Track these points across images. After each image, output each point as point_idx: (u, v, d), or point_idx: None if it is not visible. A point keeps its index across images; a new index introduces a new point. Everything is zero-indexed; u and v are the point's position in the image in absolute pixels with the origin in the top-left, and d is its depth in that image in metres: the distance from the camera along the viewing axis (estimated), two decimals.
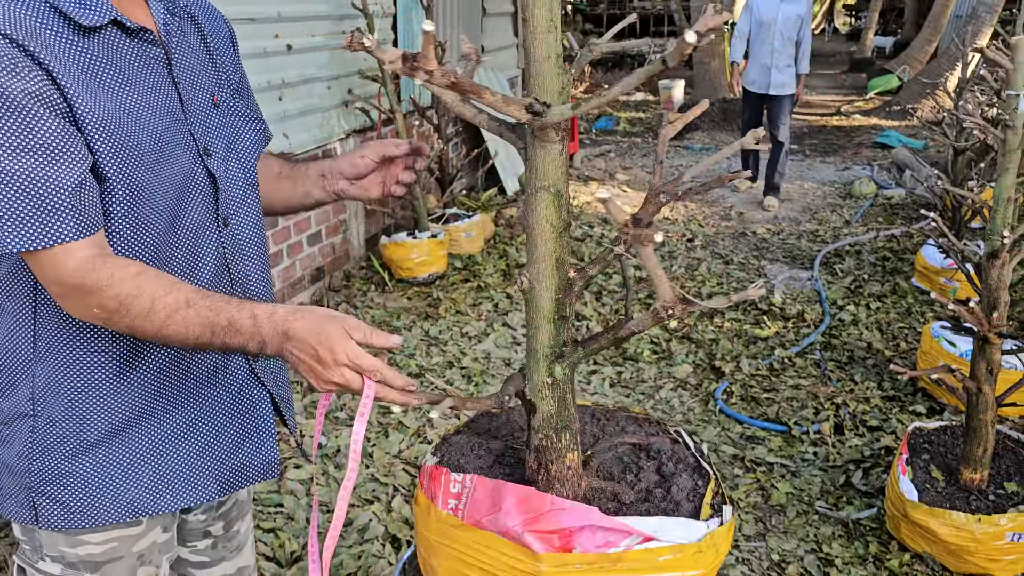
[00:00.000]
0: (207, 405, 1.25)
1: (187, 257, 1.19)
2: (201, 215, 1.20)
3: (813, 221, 6.08)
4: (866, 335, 4.01)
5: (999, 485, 2.49)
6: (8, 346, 1.15)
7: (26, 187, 1.00)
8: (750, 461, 2.98)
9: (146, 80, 1.13)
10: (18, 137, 1.00)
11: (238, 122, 1.30)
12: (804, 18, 6.11)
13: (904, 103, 11.87)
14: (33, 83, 1.00)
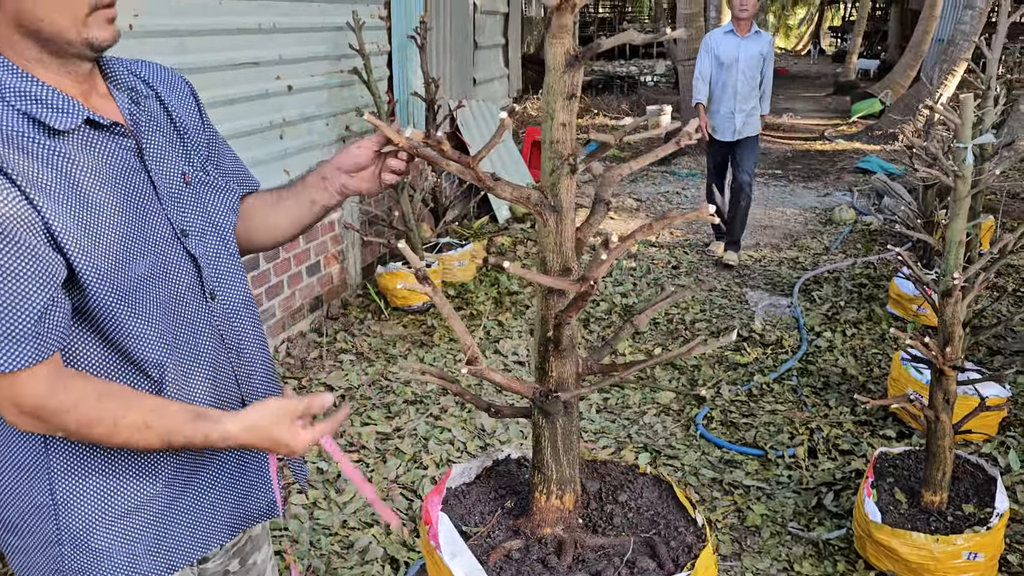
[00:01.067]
0: (214, 468, 1.33)
1: (187, 339, 1.24)
2: (189, 296, 1.25)
3: (794, 248, 6.30)
4: (841, 361, 4.20)
5: (958, 507, 2.67)
6: (19, 442, 1.19)
7: (16, 316, 1.04)
8: (728, 484, 3.16)
9: (118, 174, 1.17)
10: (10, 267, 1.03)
11: (211, 196, 1.34)
12: (767, 56, 5.66)
13: (886, 128, 12.17)
14: (7, 205, 1.02)
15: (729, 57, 5.59)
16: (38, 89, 1.09)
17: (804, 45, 42.71)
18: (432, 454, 3.24)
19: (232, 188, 1.40)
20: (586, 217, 1.39)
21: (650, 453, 3.34)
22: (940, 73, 11.30)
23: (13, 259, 1.03)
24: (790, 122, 14.11)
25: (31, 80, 1.09)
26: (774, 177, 9.34)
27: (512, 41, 8.06)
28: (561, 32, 1.24)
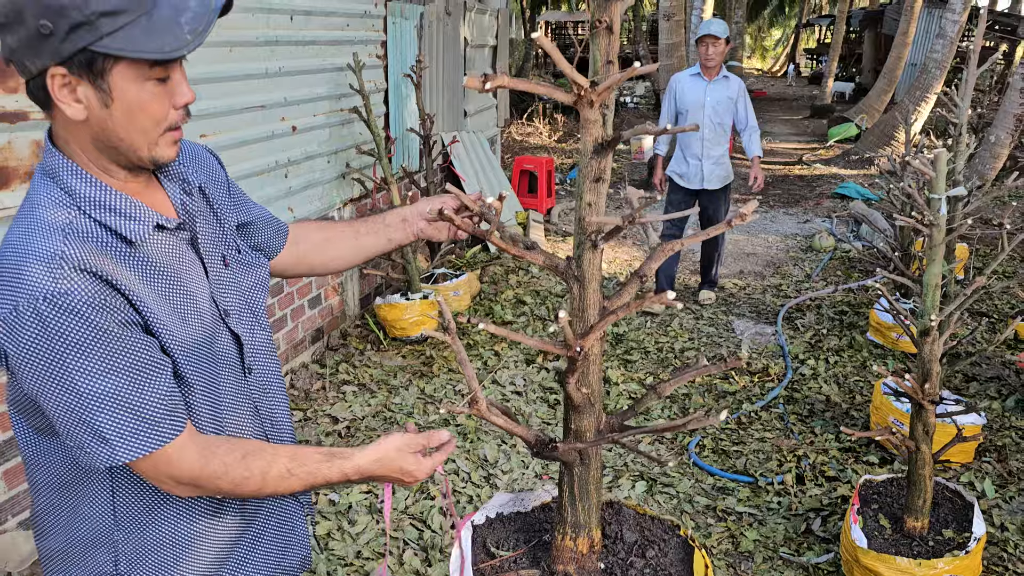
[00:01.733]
0: (263, 532, 1.44)
1: (229, 410, 1.33)
2: (230, 371, 1.34)
3: (777, 275, 6.50)
4: (825, 388, 4.39)
5: (938, 532, 2.84)
6: (88, 518, 1.27)
7: (127, 404, 1.14)
8: (721, 511, 3.32)
9: (181, 265, 1.27)
10: (115, 362, 1.13)
11: (245, 275, 1.43)
12: (738, 99, 5.34)
13: (862, 152, 12.50)
14: (118, 312, 1.13)
15: (695, 102, 5.31)
16: (111, 198, 1.20)
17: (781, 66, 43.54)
18: (438, 484, 3.37)
19: (262, 263, 1.50)
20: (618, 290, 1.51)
21: (646, 481, 3.49)
22: (913, 100, 11.65)
23: (133, 354, 1.15)
24: (769, 146, 14.42)
25: (104, 188, 1.20)
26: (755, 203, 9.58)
27: (500, 72, 8.25)
28: (589, 125, 1.40)
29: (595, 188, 1.44)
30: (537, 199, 7.93)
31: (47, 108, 1.18)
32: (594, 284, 1.49)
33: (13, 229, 1.17)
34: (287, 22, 4.16)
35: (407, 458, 1.35)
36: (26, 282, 1.09)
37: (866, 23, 24.86)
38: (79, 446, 1.16)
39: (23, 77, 1.16)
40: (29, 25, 1.09)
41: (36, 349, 1.10)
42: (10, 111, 2.60)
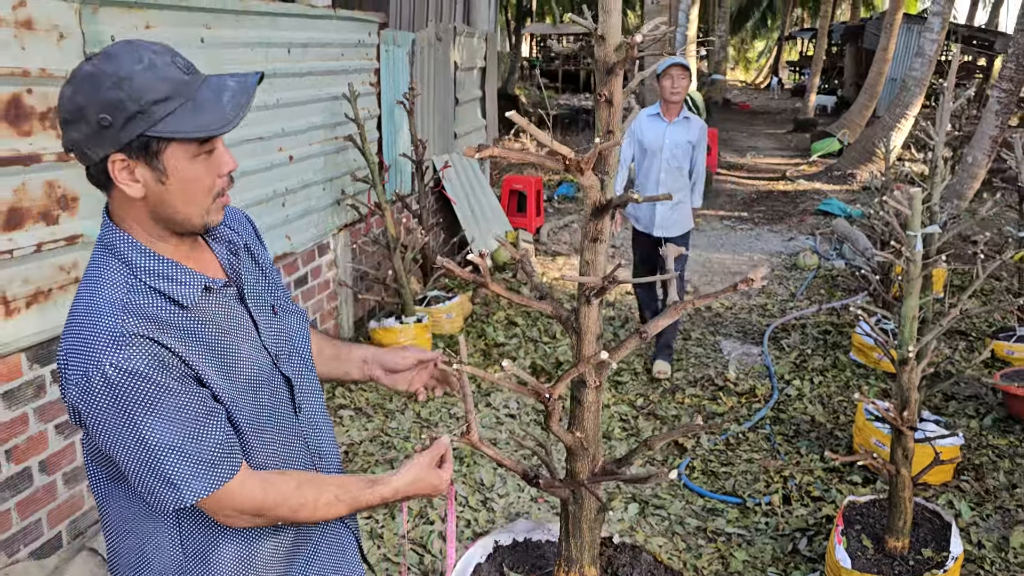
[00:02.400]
0: (316, 552, 1.54)
1: (282, 447, 1.45)
2: (283, 411, 1.46)
3: (762, 295, 6.65)
4: (810, 409, 4.52)
5: (918, 551, 2.96)
6: (159, 552, 1.39)
7: (189, 451, 1.26)
8: (711, 532, 3.43)
9: (229, 320, 1.39)
10: (177, 415, 1.25)
11: (292, 321, 1.55)
12: (696, 144, 4.97)
13: (844, 168, 12.71)
14: (174, 369, 1.25)
15: (653, 143, 4.94)
16: (163, 266, 1.32)
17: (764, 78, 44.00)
18: (437, 509, 3.47)
19: (303, 311, 1.64)
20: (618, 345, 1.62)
21: (639, 504, 3.60)
22: (893, 117, 11.88)
23: (191, 407, 1.27)
24: (753, 161, 14.64)
25: (157, 258, 1.32)
26: (740, 220, 9.75)
27: (489, 93, 8.39)
28: (587, 189, 1.51)
29: (593, 247, 1.55)
30: (526, 218, 8.05)
31: (106, 189, 1.31)
32: (590, 336, 1.60)
33: (79, 302, 1.30)
34: (285, 55, 4.27)
35: (431, 474, 1.52)
36: (94, 351, 1.22)
37: (847, 37, 25.25)
38: (150, 491, 1.28)
39: (84, 164, 1.28)
40: (91, 120, 1.22)
41: (107, 409, 1.23)
42: (24, 154, 2.69)
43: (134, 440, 1.24)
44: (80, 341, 1.24)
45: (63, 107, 1.24)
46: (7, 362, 2.70)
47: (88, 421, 1.25)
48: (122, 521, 1.40)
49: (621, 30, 1.48)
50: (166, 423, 1.25)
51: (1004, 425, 4.33)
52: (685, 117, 4.96)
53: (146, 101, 1.22)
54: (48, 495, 2.90)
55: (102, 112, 1.21)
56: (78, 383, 1.23)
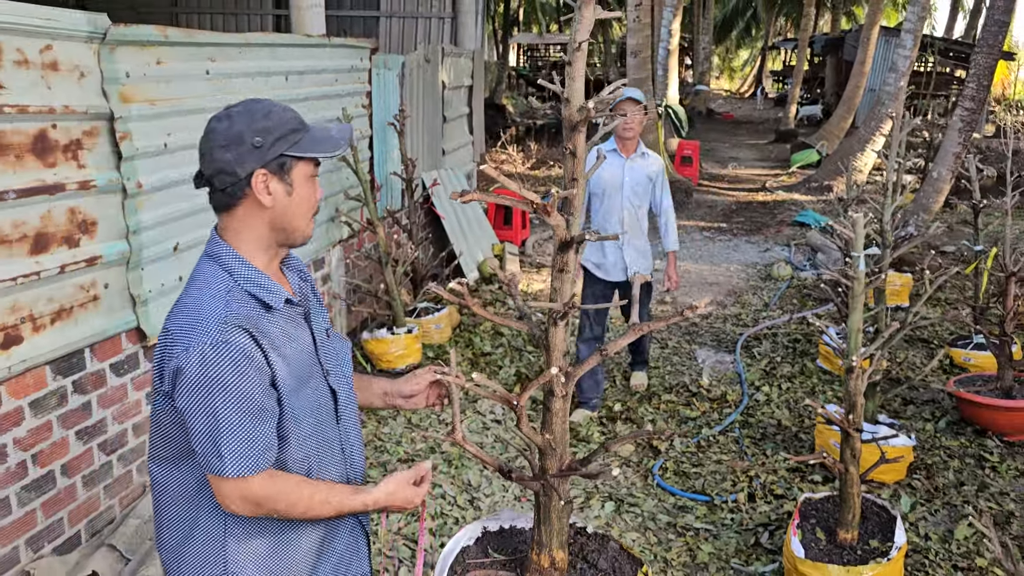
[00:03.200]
0: (334, 543, 1.78)
1: (324, 451, 1.72)
2: (328, 419, 1.73)
3: (737, 304, 6.96)
4: (777, 413, 4.82)
5: (866, 542, 3.25)
6: (204, 530, 1.65)
7: (245, 436, 1.53)
8: (681, 527, 3.71)
9: (298, 333, 1.68)
10: (246, 404, 1.52)
11: (340, 344, 1.85)
12: (657, 181, 4.68)
13: (822, 179, 13.08)
14: (258, 361, 1.54)
15: (612, 181, 4.61)
16: (259, 276, 1.63)
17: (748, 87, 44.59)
18: (427, 508, 3.74)
19: (348, 341, 1.93)
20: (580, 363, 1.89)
21: (614, 502, 3.88)
22: (868, 131, 12.26)
23: (259, 401, 1.55)
24: (734, 172, 15.00)
25: (254, 269, 1.63)
26: (719, 231, 10.08)
27: (476, 110, 8.69)
28: (555, 229, 1.80)
29: (560, 277, 1.83)
30: (512, 231, 8.34)
31: (230, 208, 1.62)
32: (557, 352, 1.88)
33: (188, 294, 1.60)
34: (283, 82, 4.55)
35: (408, 489, 1.75)
36: (201, 330, 1.52)
37: (828, 48, 25.73)
38: (203, 455, 1.55)
39: (222, 185, 1.60)
40: (246, 142, 1.57)
41: (197, 379, 1.50)
42: (50, 183, 2.95)
43: (208, 409, 1.51)
44: (190, 321, 1.53)
45: (220, 135, 1.57)
46: (34, 374, 2.95)
47: (178, 386, 1.53)
48: (175, 501, 1.67)
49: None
50: (236, 405, 1.52)
51: (957, 428, 4.64)
52: (642, 153, 4.71)
53: (285, 129, 1.60)
54: (69, 496, 3.16)
55: (256, 136, 1.57)
56: (180, 355, 1.51)
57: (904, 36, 11.68)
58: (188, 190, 3.72)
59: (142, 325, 3.43)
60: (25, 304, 2.88)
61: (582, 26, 1.73)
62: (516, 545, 2.13)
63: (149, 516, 3.35)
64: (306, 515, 1.65)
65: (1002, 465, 4.21)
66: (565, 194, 1.74)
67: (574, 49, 1.73)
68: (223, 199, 1.62)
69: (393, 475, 1.77)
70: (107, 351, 3.30)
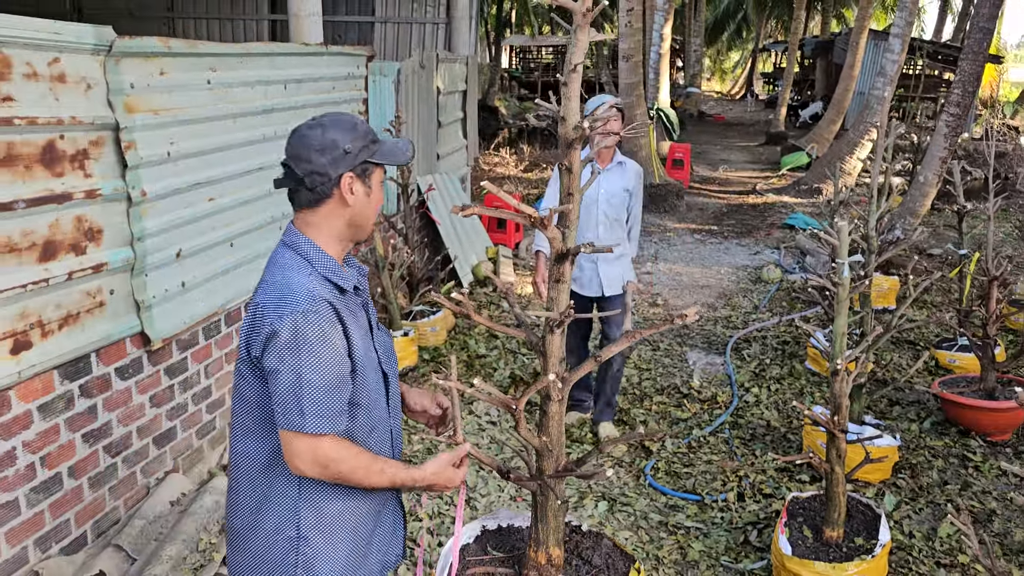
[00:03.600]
0: (383, 517, 1.97)
1: (377, 428, 1.91)
2: (379, 399, 1.92)
3: (727, 307, 7.07)
4: (766, 414, 4.92)
5: (851, 540, 3.36)
6: (279, 495, 1.83)
7: (324, 398, 1.72)
8: (672, 525, 3.81)
9: (359, 318, 1.89)
10: (329, 369, 1.73)
11: (386, 336, 2.06)
12: (634, 191, 4.46)
13: (811, 182, 13.22)
14: (339, 334, 1.76)
15: (587, 193, 4.30)
16: (333, 264, 1.84)
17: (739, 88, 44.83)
18: (424, 508, 3.83)
19: (391, 333, 2.08)
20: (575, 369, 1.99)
21: (607, 501, 3.98)
22: (857, 134, 12.41)
23: (339, 368, 1.75)
24: (725, 175, 15.13)
25: (329, 257, 1.83)
26: (710, 233, 10.20)
27: (470, 115, 8.78)
28: (552, 242, 1.89)
29: (556, 287, 1.93)
30: (506, 234, 8.43)
31: (314, 206, 1.83)
32: (553, 358, 1.97)
33: (274, 274, 1.79)
34: (281, 91, 4.62)
35: (450, 470, 1.92)
36: (293, 302, 1.72)
37: (818, 51, 25.93)
38: (284, 412, 1.71)
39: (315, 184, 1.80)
40: (339, 148, 1.79)
41: (288, 342, 1.70)
42: (58, 193, 3.02)
43: (295, 370, 1.70)
44: (282, 294, 1.74)
45: (316, 141, 1.79)
46: (42, 379, 3.03)
47: (269, 348, 1.72)
48: (253, 469, 1.85)
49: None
50: (320, 369, 1.72)
51: (941, 428, 4.75)
52: (619, 162, 4.45)
53: (370, 139, 1.84)
54: (76, 497, 3.23)
55: (348, 143, 1.80)
56: (275, 321, 1.71)
57: (892, 41, 11.82)
58: (190, 198, 3.81)
59: (146, 330, 3.50)
60: (34, 310, 2.96)
61: (577, 48, 1.82)
62: (514, 543, 2.22)
63: (154, 517, 3.43)
64: (363, 482, 1.80)
65: (985, 465, 4.33)
66: (561, 209, 1.83)
67: (570, 71, 1.82)
68: (311, 197, 1.82)
69: (437, 456, 1.93)
70: (112, 355, 3.37)
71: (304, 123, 1.84)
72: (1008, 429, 4.61)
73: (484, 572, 2.06)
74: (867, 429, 4.15)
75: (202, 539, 3.32)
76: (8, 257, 2.84)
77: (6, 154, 2.80)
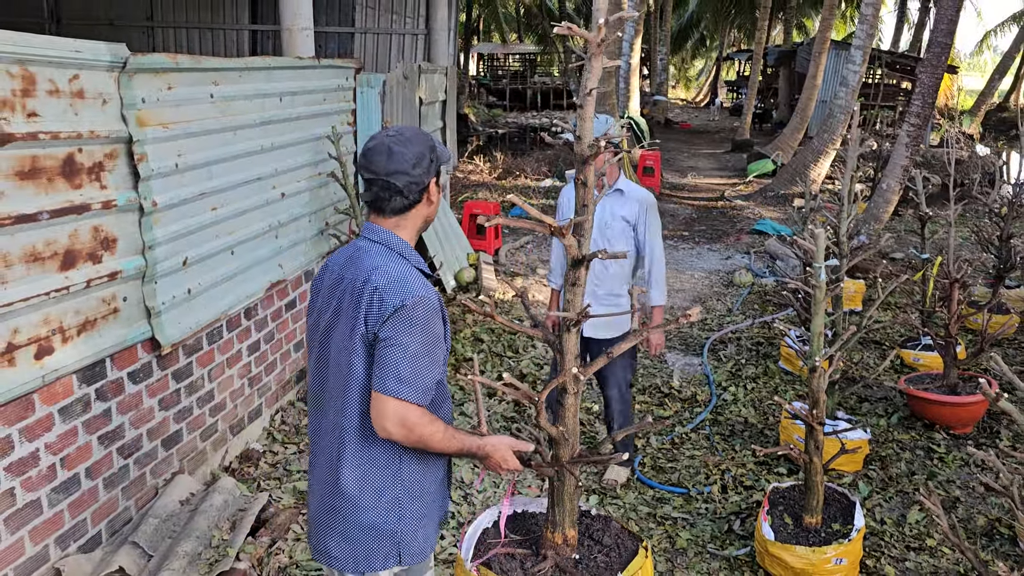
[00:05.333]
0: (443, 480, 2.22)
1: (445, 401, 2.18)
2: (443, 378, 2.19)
3: (702, 310, 7.32)
4: (744, 412, 5.17)
5: (828, 525, 3.59)
6: (382, 458, 2.07)
7: (423, 371, 1.97)
8: (660, 517, 4.02)
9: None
10: (431, 348, 1.98)
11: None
12: (638, 223, 3.90)
13: (778, 189, 13.60)
14: (439, 319, 2.03)
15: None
16: (419, 258, 2.11)
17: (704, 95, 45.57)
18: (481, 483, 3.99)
19: None
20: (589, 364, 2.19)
21: (598, 495, 4.17)
22: (821, 143, 12.81)
23: (438, 347, 2.03)
24: (694, 181, 15.47)
25: (416, 253, 2.11)
26: (682, 239, 10.48)
27: (449, 124, 8.95)
28: (568, 249, 2.08)
29: (572, 290, 2.12)
30: (486, 241, 8.62)
31: (407, 208, 2.08)
32: (570, 355, 2.17)
33: (385, 263, 2.03)
34: (278, 103, 4.77)
35: (507, 451, 2.16)
36: (410, 288, 1.98)
37: (781, 60, 26.52)
38: (384, 377, 1.95)
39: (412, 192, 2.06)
40: (427, 159, 2.06)
41: (407, 316, 1.95)
42: (77, 204, 3.15)
43: (402, 344, 1.95)
44: (402, 278, 1.99)
45: (409, 157, 2.04)
46: (62, 383, 3.15)
47: (391, 318, 1.95)
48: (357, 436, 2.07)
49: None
50: (424, 345, 1.97)
51: (908, 423, 5.03)
52: (618, 188, 3.90)
53: (439, 149, 2.12)
54: (92, 497, 3.35)
55: (430, 155, 2.07)
56: (401, 296, 1.96)
57: (854, 52, 12.24)
58: (196, 207, 3.95)
59: (156, 335, 3.63)
60: (56, 317, 3.08)
61: (592, 75, 2.02)
62: (530, 527, 2.40)
63: (167, 515, 3.55)
64: (437, 446, 2.03)
65: (949, 456, 4.60)
66: (578, 220, 2.03)
67: (585, 95, 2.02)
68: (406, 203, 2.07)
69: (503, 435, 2.20)
70: (125, 360, 3.50)
71: (384, 141, 2.05)
72: (970, 422, 4.90)
73: (505, 552, 2.24)
74: (841, 424, 4.40)
75: (215, 535, 3.46)
76: (33, 266, 2.96)
77: (31, 167, 2.93)
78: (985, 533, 3.89)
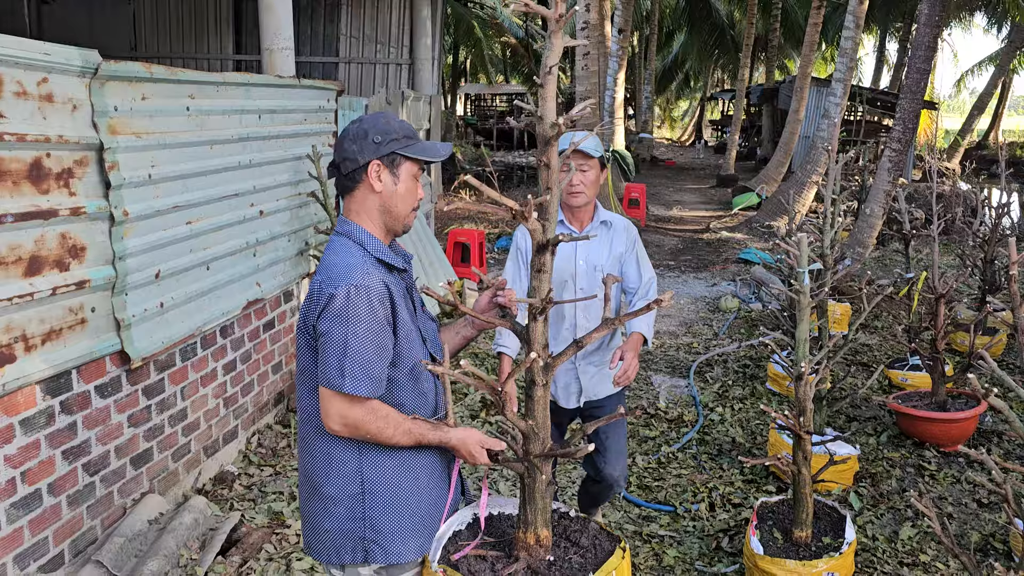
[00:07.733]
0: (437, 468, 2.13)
1: (424, 405, 2.11)
2: (427, 376, 2.11)
3: (688, 334, 7.26)
4: (731, 431, 5.07)
5: (819, 539, 3.49)
6: (341, 455, 2.01)
7: (366, 364, 1.90)
8: (647, 535, 3.90)
9: (405, 296, 2.06)
10: (373, 339, 1.91)
11: (429, 321, 2.22)
12: (627, 256, 3.26)
13: (762, 220, 13.66)
14: (386, 308, 1.94)
15: (561, 268, 3.14)
16: (382, 246, 2.05)
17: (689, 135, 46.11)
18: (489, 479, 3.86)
19: (434, 316, 2.21)
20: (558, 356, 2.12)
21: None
22: (805, 174, 12.90)
23: (382, 339, 1.94)
24: (680, 214, 15.54)
25: (378, 240, 2.05)
26: (668, 268, 10.47)
27: None
28: (532, 233, 2.02)
29: (538, 276, 2.06)
30: (469, 268, 8.56)
31: (350, 191, 2.05)
32: (537, 345, 2.09)
33: (330, 258, 1.99)
34: (256, 120, 4.73)
35: (475, 447, 2.08)
36: (347, 277, 1.92)
37: (764, 98, 26.88)
38: (326, 370, 1.91)
39: (347, 169, 2.02)
40: (368, 138, 2.01)
41: (340, 308, 1.90)
42: (44, 209, 3.07)
43: (341, 338, 1.90)
44: (339, 271, 1.94)
45: (351, 132, 2.02)
46: (24, 393, 3.04)
47: (325, 311, 1.91)
48: (316, 430, 2.04)
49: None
50: (365, 337, 1.91)
51: (897, 441, 4.95)
52: (603, 222, 3.25)
53: (399, 134, 2.03)
54: (54, 515, 3.21)
55: (377, 135, 2.01)
56: (333, 289, 1.91)
57: (835, 85, 12.41)
58: (170, 220, 3.87)
59: (126, 348, 3.53)
60: (19, 324, 2.98)
61: (552, 52, 1.98)
62: (504, 529, 2.30)
63: (133, 534, 3.41)
64: (390, 440, 1.97)
65: (939, 473, 4.52)
66: (539, 201, 1.97)
67: (546, 73, 1.98)
68: (346, 182, 2.04)
69: (473, 429, 2.11)
70: (92, 373, 3.39)
71: (351, 121, 2.08)
72: (960, 439, 4.83)
73: (476, 555, 2.14)
74: (829, 435, 4.32)
75: (183, 555, 3.32)
76: None
77: None
78: (979, 549, 3.80)
